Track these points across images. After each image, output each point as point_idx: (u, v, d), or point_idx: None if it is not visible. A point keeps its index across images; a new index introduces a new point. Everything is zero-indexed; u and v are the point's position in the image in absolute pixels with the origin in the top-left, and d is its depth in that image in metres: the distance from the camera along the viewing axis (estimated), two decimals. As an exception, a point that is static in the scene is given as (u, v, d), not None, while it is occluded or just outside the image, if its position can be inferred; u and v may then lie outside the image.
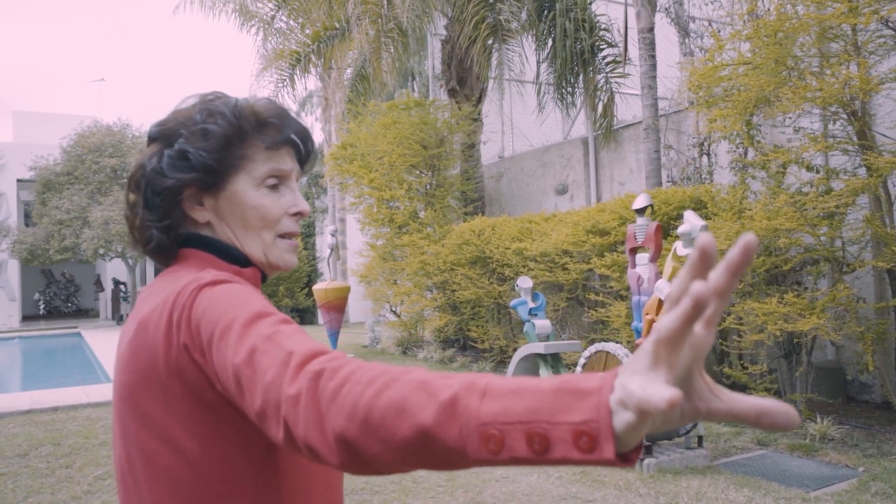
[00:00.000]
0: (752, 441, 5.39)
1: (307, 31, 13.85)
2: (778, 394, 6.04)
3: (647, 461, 4.73)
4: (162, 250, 1.01)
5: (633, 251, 5.47)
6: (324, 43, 13.36)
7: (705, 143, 8.35)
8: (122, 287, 21.49)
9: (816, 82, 5.36)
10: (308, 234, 20.34)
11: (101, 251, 18.39)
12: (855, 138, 5.57)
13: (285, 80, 13.96)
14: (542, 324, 6.66)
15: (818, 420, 5.42)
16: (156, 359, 0.87)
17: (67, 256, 19.26)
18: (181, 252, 1.01)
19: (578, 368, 5.27)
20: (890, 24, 5.42)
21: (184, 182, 0.96)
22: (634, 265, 5.45)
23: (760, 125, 6.44)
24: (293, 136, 1.02)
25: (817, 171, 5.83)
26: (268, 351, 0.76)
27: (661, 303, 4.91)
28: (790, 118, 6.03)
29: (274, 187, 1.01)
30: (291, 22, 14.19)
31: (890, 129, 5.58)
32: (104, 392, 8.07)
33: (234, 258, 1.01)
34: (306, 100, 22.96)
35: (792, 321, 5.33)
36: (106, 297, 24.05)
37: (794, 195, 5.66)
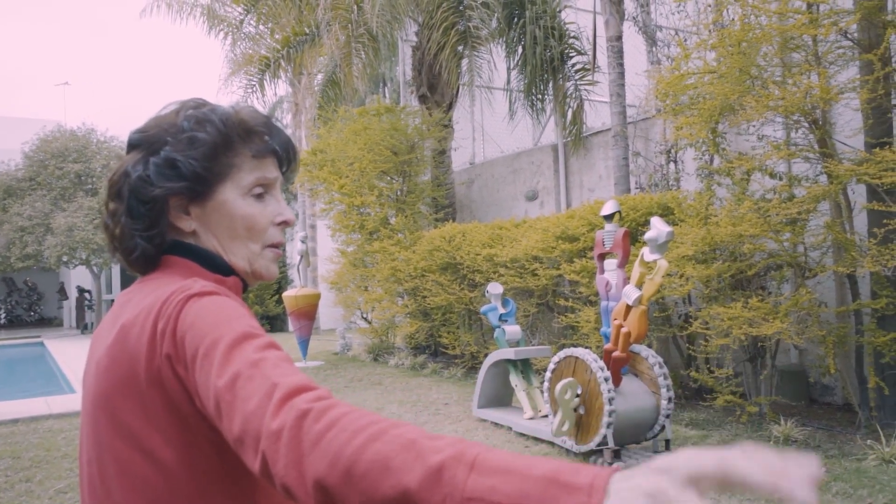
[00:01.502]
0: (719, 443, 5.46)
1: (277, 37, 13.76)
2: (743, 397, 6.13)
3: (615, 465, 4.76)
4: (146, 259, 0.99)
5: (602, 257, 5.52)
6: (294, 48, 13.29)
7: (672, 151, 8.48)
8: (86, 295, 21.06)
9: (779, 91, 5.48)
10: (278, 240, 20.13)
11: (65, 258, 18.02)
12: (816, 146, 5.70)
13: (254, 85, 13.83)
14: (513, 329, 6.69)
15: (782, 422, 5.52)
16: (137, 367, 0.86)
17: (30, 264, 18.83)
18: (164, 259, 1.00)
19: (548, 374, 5.29)
20: (848, 35, 5.56)
21: (172, 191, 0.95)
22: (603, 271, 5.50)
23: (725, 133, 6.56)
24: (278, 146, 1.03)
25: (780, 179, 5.95)
26: (252, 377, 0.74)
27: (628, 308, 4.96)
28: (754, 126, 6.15)
29: (260, 196, 1.01)
30: (261, 27, 14.10)
31: (849, 137, 5.72)
32: (67, 403, 7.89)
33: (218, 267, 1.00)
34: (276, 105, 22.80)
35: (756, 325, 5.43)
36: (70, 305, 23.56)
37: (758, 202, 5.77)
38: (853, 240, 5.46)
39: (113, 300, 24.52)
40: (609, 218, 5.45)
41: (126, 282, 23.56)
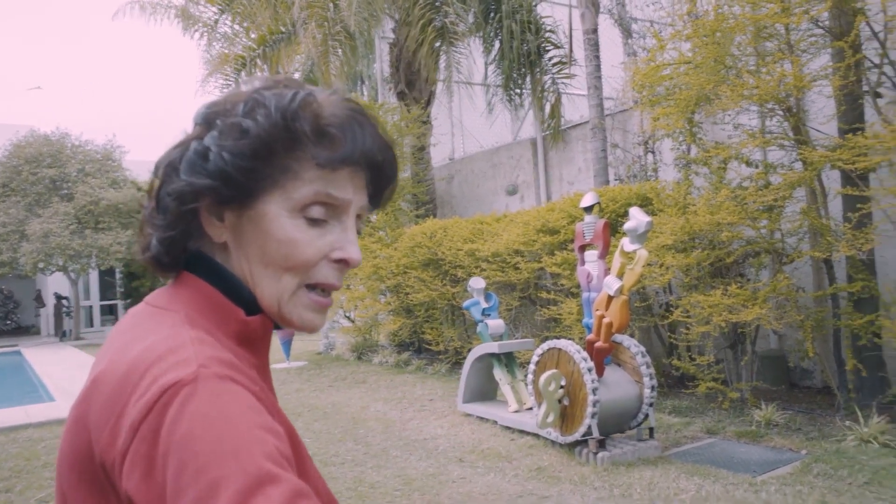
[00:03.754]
0: (702, 430, 5.52)
1: (253, 35, 13.65)
2: (725, 383, 6.19)
3: (600, 454, 4.80)
4: (159, 266, 0.78)
5: (583, 249, 5.54)
6: (270, 47, 13.19)
7: (650, 142, 8.54)
8: (64, 302, 20.77)
9: (753, 80, 5.53)
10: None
11: (41, 265, 17.75)
12: (791, 134, 5.77)
13: (231, 85, 13.72)
14: (496, 323, 6.70)
15: (763, 407, 5.59)
16: (94, 445, 0.65)
17: (5, 272, 18.52)
18: (181, 276, 0.77)
19: (531, 366, 5.31)
20: (819, 23, 5.63)
21: (196, 188, 0.73)
22: (584, 262, 5.52)
23: (702, 123, 6.62)
24: (358, 157, 0.75)
25: (756, 167, 6.02)
26: None
27: (610, 299, 4.99)
28: (730, 115, 6.21)
29: (316, 221, 0.74)
30: (236, 26, 13.98)
31: (823, 124, 5.79)
32: (47, 412, 7.78)
33: (243, 299, 0.76)
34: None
35: (736, 312, 5.48)
36: (47, 312, 23.22)
37: (735, 190, 5.83)
38: (828, 225, 5.53)
39: (91, 307, 24.04)
40: (589, 210, 5.47)
41: (104, 289, 23.29)
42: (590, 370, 4.83)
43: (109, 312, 23.86)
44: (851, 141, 5.06)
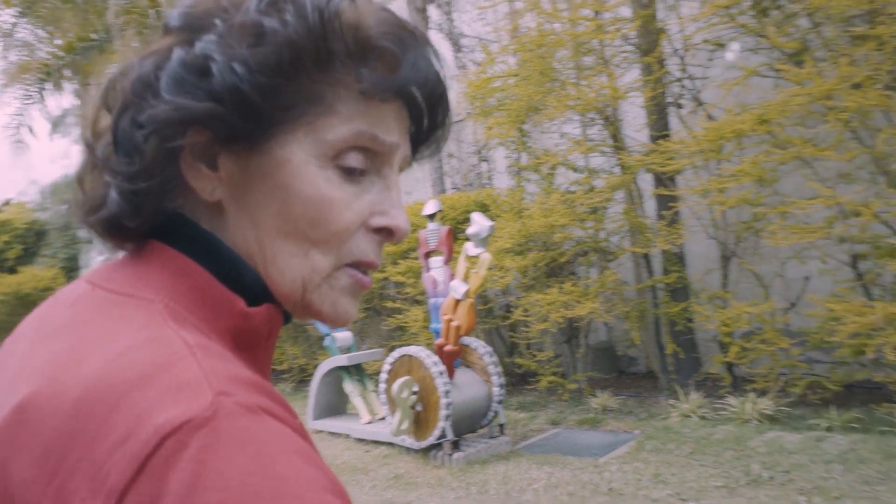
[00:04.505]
0: (546, 422, 5.82)
1: (59, 42, 12.52)
2: (563, 376, 6.58)
3: (455, 455, 4.90)
4: (119, 230, 0.53)
5: (427, 255, 5.65)
6: (80, 54, 12.17)
7: (483, 150, 8.90)
8: None
9: (575, 91, 5.97)
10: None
11: None
12: (610, 141, 6.28)
13: (32, 96, 12.49)
14: (343, 336, 6.63)
15: (598, 395, 6.01)
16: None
17: None
18: (149, 247, 0.53)
19: (383, 375, 5.32)
20: (630, 40, 6.19)
21: (189, 115, 0.49)
22: (429, 269, 5.63)
23: (531, 132, 7.01)
24: (419, 85, 0.55)
25: (581, 172, 6.48)
26: None
27: (457, 302, 5.12)
28: (556, 124, 6.64)
29: (354, 173, 0.54)
30: (40, 31, 12.74)
31: (637, 131, 6.36)
32: None
33: (243, 284, 0.53)
34: (59, 120, 20.71)
35: (571, 308, 5.86)
36: None
37: (564, 194, 6.24)
38: (646, 223, 6.09)
39: None
40: (431, 217, 5.59)
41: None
42: (441, 374, 4.93)
43: None
44: (662, 146, 5.61)
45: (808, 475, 3.85)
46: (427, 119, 0.58)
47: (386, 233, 0.56)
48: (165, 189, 0.51)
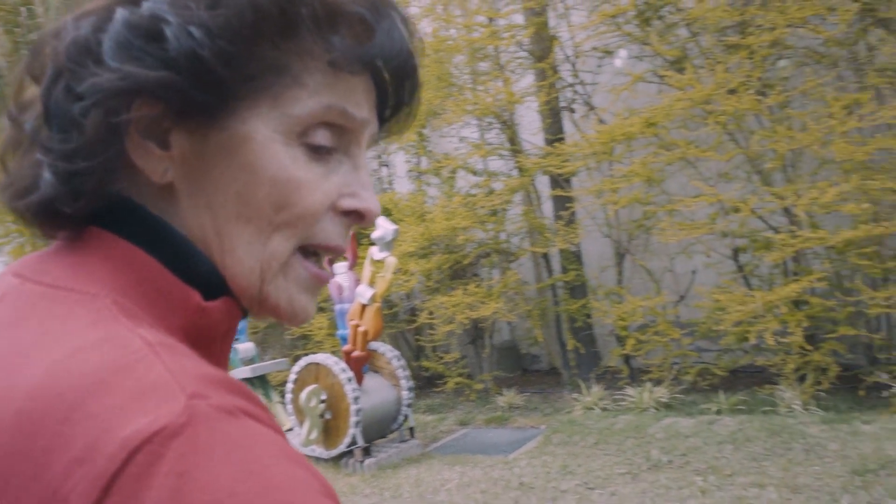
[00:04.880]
0: (455, 423, 5.88)
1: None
2: (470, 377, 6.68)
3: (366, 462, 4.87)
4: (51, 215, 0.46)
5: (331, 262, 5.57)
6: (-63, 55, 11.15)
7: (383, 155, 8.88)
8: None
9: (472, 96, 6.08)
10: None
11: None
12: (508, 144, 6.44)
13: None
14: (246, 347, 6.43)
15: (504, 393, 6.13)
16: None
17: None
18: (88, 235, 0.46)
19: (290, 384, 5.20)
20: (524, 46, 6.37)
21: (139, 86, 0.43)
22: (334, 275, 5.56)
23: (430, 136, 7.08)
24: (393, 57, 0.49)
25: (481, 175, 6.61)
26: None
27: (364, 307, 5.09)
28: (454, 129, 6.73)
29: (319, 153, 0.48)
30: None
31: (533, 135, 6.55)
32: None
33: (197, 276, 0.47)
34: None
35: (476, 308, 5.96)
36: None
37: (465, 197, 6.34)
38: (544, 224, 6.28)
39: None
40: (334, 222, 5.53)
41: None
42: (350, 380, 4.88)
43: None
44: (557, 149, 5.81)
45: (703, 456, 4.10)
46: (394, 95, 0.53)
47: (355, 216, 0.51)
48: (108, 169, 0.45)
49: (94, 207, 0.45)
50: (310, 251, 0.50)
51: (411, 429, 5.34)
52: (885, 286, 4.71)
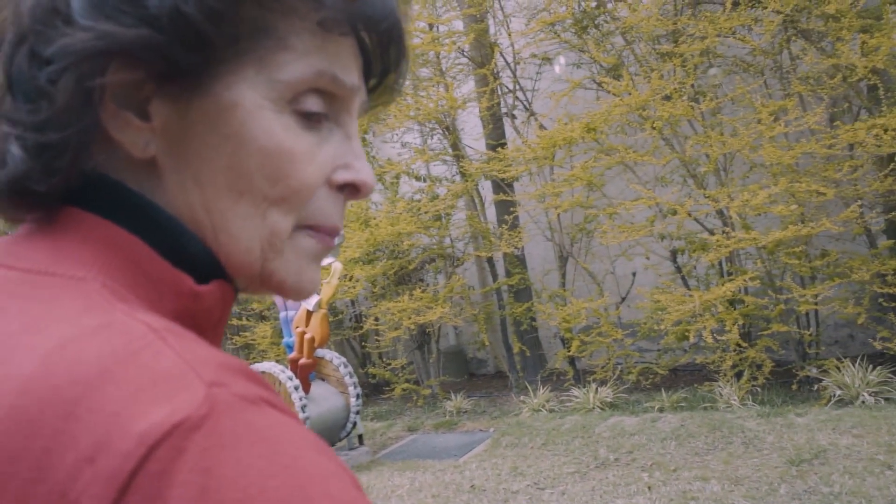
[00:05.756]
0: (404, 429, 5.86)
1: None
2: (417, 383, 6.67)
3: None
4: (22, 194, 0.41)
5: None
6: None
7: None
8: None
9: (414, 102, 6.09)
10: None
11: None
12: (450, 150, 6.47)
13: None
14: (186, 358, 6.26)
15: (452, 398, 6.15)
16: None
17: None
18: (65, 216, 0.42)
19: (234, 396, 5.09)
20: (465, 53, 6.43)
21: (117, 47, 0.39)
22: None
23: (372, 142, 7.06)
24: (386, 16, 0.46)
25: (424, 180, 6.62)
26: None
27: (309, 314, 5.03)
28: (397, 134, 6.73)
29: (312, 119, 0.44)
30: None
31: (475, 140, 6.61)
32: None
33: (187, 257, 0.43)
34: None
35: (423, 314, 5.96)
36: None
37: (409, 202, 6.34)
38: (488, 228, 6.34)
39: None
40: (277, 229, 5.45)
41: None
42: (297, 388, 4.80)
43: None
44: (500, 154, 5.87)
45: (648, 453, 4.21)
46: (380, 62, 0.48)
47: (351, 189, 0.47)
48: (84, 142, 0.40)
49: (69, 185, 0.41)
50: (312, 228, 0.46)
51: (360, 436, 5.30)
52: (812, 284, 4.95)
